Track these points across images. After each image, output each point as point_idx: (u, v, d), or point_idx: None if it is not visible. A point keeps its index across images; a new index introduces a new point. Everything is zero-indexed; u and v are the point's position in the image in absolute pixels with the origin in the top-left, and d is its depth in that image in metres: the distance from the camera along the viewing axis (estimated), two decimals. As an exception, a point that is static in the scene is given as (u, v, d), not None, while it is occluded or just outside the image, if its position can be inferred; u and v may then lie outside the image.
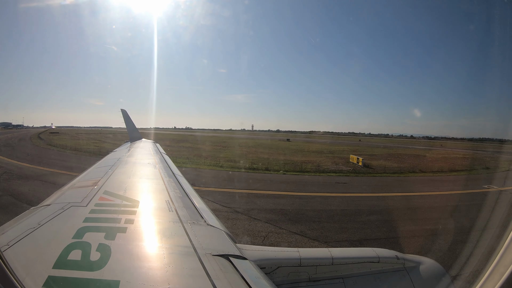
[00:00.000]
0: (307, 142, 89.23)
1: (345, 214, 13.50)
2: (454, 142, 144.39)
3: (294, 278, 2.25)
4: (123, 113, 11.81)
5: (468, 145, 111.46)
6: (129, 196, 2.95)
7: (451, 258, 8.11)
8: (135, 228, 2.12)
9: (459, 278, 4.30)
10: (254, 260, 2.02)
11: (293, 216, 12.73)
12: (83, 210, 2.43)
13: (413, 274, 2.54)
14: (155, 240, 2.03)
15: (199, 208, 2.88)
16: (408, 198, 17.76)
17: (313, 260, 2.33)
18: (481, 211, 10.41)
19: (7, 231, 2.02)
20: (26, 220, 2.27)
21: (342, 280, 2.35)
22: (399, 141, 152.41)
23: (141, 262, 1.70)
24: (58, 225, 2.16)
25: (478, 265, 5.02)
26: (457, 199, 18.10)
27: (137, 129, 12.06)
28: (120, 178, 3.97)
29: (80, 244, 1.79)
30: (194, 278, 1.57)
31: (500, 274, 1.80)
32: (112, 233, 1.97)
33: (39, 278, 1.43)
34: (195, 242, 1.99)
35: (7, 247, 1.73)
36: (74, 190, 3.36)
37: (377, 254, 2.55)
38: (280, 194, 17.19)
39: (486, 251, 4.95)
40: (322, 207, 14.50)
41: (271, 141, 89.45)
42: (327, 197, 17.05)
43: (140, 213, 2.47)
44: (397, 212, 14.08)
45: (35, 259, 1.63)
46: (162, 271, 1.60)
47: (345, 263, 2.42)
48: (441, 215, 14.26)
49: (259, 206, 13.95)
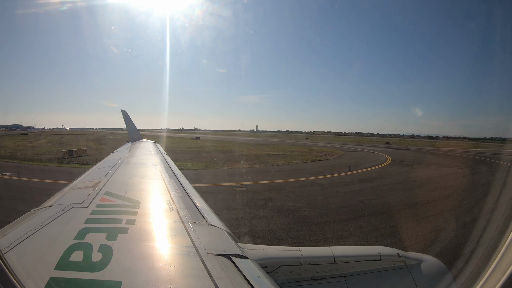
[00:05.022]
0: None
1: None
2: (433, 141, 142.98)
3: (296, 277, 2.25)
4: (123, 114, 11.84)
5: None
6: (130, 197, 2.95)
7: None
8: (136, 229, 2.12)
9: (460, 275, 4.29)
10: (255, 259, 2.02)
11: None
12: (84, 211, 2.43)
13: (415, 272, 2.53)
14: (156, 241, 2.03)
15: (200, 208, 2.87)
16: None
17: (314, 259, 2.33)
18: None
19: (9, 233, 2.02)
20: (27, 221, 2.27)
21: (344, 279, 2.34)
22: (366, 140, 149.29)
23: (142, 263, 1.69)
24: (60, 226, 2.16)
25: (479, 263, 5.01)
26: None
27: (137, 129, 12.09)
28: (121, 179, 3.97)
29: (81, 245, 1.79)
30: (196, 278, 1.57)
31: (502, 272, 1.80)
32: (114, 233, 1.97)
33: (41, 279, 1.43)
34: (196, 242, 1.98)
35: (9, 249, 1.73)
36: (75, 191, 3.36)
37: (379, 252, 2.54)
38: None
39: (488, 249, 4.94)
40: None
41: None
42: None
43: (141, 213, 2.47)
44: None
45: (37, 260, 1.63)
46: (164, 271, 1.60)
47: (346, 261, 2.41)
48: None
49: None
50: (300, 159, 38.93)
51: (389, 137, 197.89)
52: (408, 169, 31.26)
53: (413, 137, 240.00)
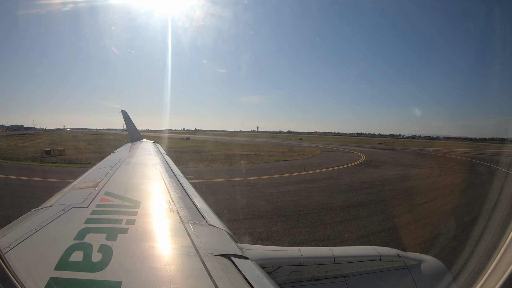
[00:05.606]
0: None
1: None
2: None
3: (296, 277, 2.25)
4: (123, 114, 11.84)
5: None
6: (130, 197, 2.95)
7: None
8: (136, 229, 2.11)
9: (460, 276, 4.29)
10: (255, 259, 2.02)
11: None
12: (84, 211, 2.43)
13: (415, 272, 2.53)
14: (156, 241, 2.03)
15: (200, 208, 2.87)
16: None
17: (314, 259, 2.33)
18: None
19: (9, 232, 2.02)
20: (27, 221, 2.27)
21: (344, 279, 2.34)
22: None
23: (142, 263, 1.69)
24: (60, 226, 2.16)
25: (479, 263, 5.02)
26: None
27: (137, 129, 12.09)
28: (121, 179, 3.97)
29: (81, 245, 1.79)
30: (196, 278, 1.57)
31: (502, 272, 1.80)
32: (114, 234, 1.97)
33: (40, 279, 1.43)
34: (196, 242, 1.98)
35: (9, 249, 1.73)
36: (75, 191, 3.36)
37: (379, 253, 2.54)
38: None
39: (488, 249, 4.95)
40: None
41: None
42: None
43: (141, 213, 2.47)
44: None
45: (37, 260, 1.63)
46: (164, 272, 1.60)
47: (346, 261, 2.41)
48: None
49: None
50: (268, 159, 38.10)
51: (389, 138, 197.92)
52: (371, 170, 29.91)
53: (413, 138, 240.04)
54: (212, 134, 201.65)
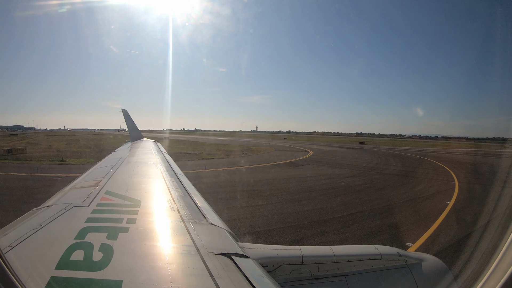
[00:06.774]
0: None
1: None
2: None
3: (297, 276, 2.25)
4: (123, 113, 11.87)
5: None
6: (131, 196, 2.95)
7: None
8: (137, 228, 2.11)
9: (461, 275, 4.29)
10: (256, 258, 2.02)
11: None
12: (85, 211, 2.43)
13: (415, 271, 2.54)
14: (157, 240, 2.03)
15: (201, 207, 2.87)
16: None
17: (315, 258, 2.33)
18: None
19: (9, 232, 2.01)
20: (28, 221, 2.27)
21: (344, 278, 2.35)
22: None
23: (143, 262, 1.69)
24: (60, 225, 2.16)
25: (480, 262, 5.02)
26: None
27: (138, 128, 12.10)
28: (121, 178, 3.97)
29: (82, 245, 1.79)
30: (196, 277, 1.57)
31: (503, 271, 1.80)
32: (114, 233, 1.97)
33: (41, 279, 1.43)
34: (197, 241, 1.98)
35: (9, 249, 1.73)
36: (75, 190, 3.36)
37: (379, 252, 2.54)
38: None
39: (489, 248, 4.95)
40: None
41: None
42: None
43: (142, 212, 2.47)
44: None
45: (37, 260, 1.63)
46: (165, 270, 1.60)
47: (347, 260, 2.41)
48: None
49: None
50: (198, 157, 35.94)
51: (390, 138, 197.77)
52: (289, 170, 26.78)
53: (412, 138, 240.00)
54: (213, 135, 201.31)
